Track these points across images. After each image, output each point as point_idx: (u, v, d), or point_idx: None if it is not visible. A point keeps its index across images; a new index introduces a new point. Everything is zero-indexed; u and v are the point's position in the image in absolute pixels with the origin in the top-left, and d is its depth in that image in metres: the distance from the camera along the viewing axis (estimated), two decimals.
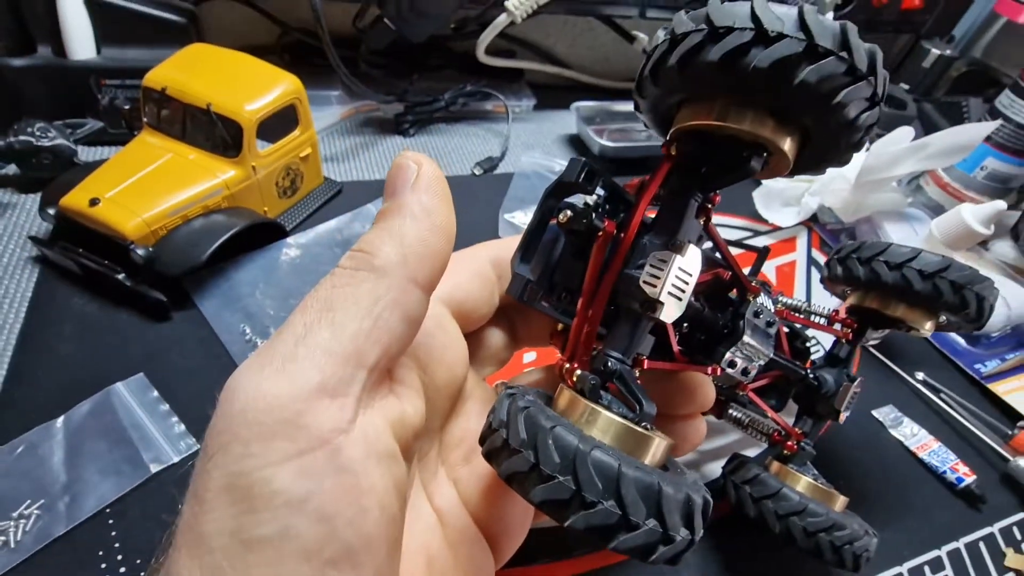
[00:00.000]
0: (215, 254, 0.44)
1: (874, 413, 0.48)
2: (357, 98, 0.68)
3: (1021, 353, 0.55)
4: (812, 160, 0.22)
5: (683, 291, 0.22)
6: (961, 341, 0.56)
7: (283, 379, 0.17)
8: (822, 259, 0.64)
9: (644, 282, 0.21)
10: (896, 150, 0.58)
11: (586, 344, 0.23)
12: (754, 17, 0.18)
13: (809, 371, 0.35)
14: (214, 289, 0.46)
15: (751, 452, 0.42)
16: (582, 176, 0.24)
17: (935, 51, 0.88)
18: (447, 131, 0.71)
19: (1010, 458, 0.45)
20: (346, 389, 0.17)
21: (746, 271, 0.30)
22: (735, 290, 0.28)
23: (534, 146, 0.72)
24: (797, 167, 0.23)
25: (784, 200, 0.66)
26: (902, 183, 0.73)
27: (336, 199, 0.57)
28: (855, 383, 0.35)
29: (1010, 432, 0.47)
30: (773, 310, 0.29)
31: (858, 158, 0.62)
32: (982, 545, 0.41)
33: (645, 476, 0.17)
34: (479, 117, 0.74)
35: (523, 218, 0.58)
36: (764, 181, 0.67)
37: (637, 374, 0.23)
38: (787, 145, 0.21)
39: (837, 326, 0.37)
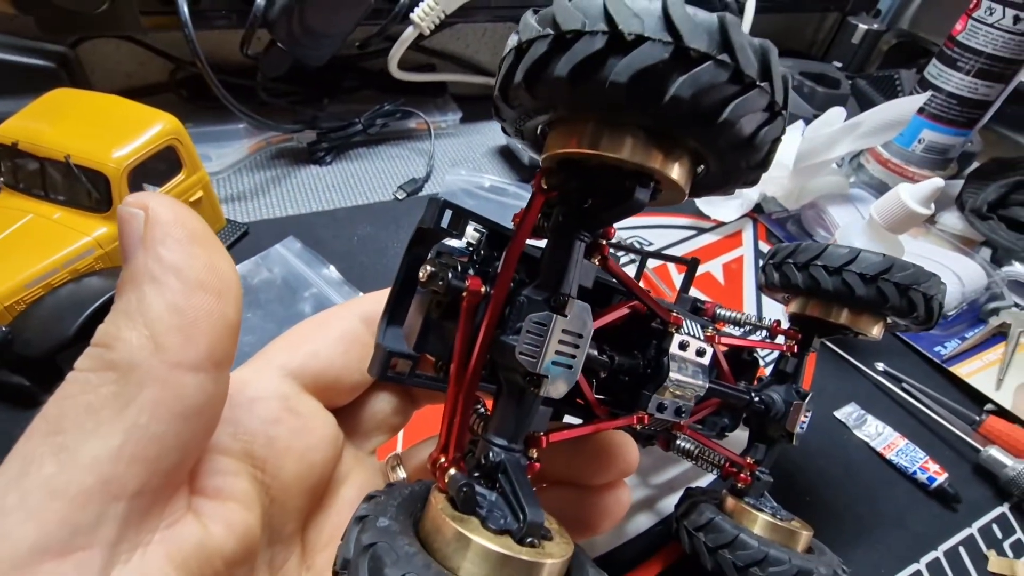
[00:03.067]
0: (88, 324, 0.38)
1: (836, 414, 0.45)
2: (266, 130, 0.63)
3: (979, 330, 0.53)
4: (713, 184, 0.19)
5: (573, 357, 0.18)
6: None
7: None
8: None
9: (521, 353, 0.17)
10: (830, 131, 0.56)
11: (460, 432, 0.18)
12: (607, 16, 0.14)
13: (754, 394, 0.31)
14: None
15: (708, 479, 0.39)
16: (441, 220, 0.19)
17: (863, 26, 0.88)
18: (367, 155, 0.66)
19: (980, 448, 0.43)
20: (87, 538, 0.13)
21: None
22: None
23: (461, 162, 0.68)
24: (696, 192, 0.19)
25: None
26: (843, 164, 0.71)
27: (241, 242, 0.52)
28: (806, 400, 0.31)
29: (977, 418, 0.45)
30: (703, 335, 0.26)
31: (793, 143, 0.59)
32: (962, 550, 0.38)
33: None
34: (402, 137, 0.70)
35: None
36: None
37: (535, 455, 0.19)
38: (675, 173, 0.17)
39: (780, 339, 0.33)
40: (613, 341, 0.24)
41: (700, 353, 0.25)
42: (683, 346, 0.24)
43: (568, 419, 0.25)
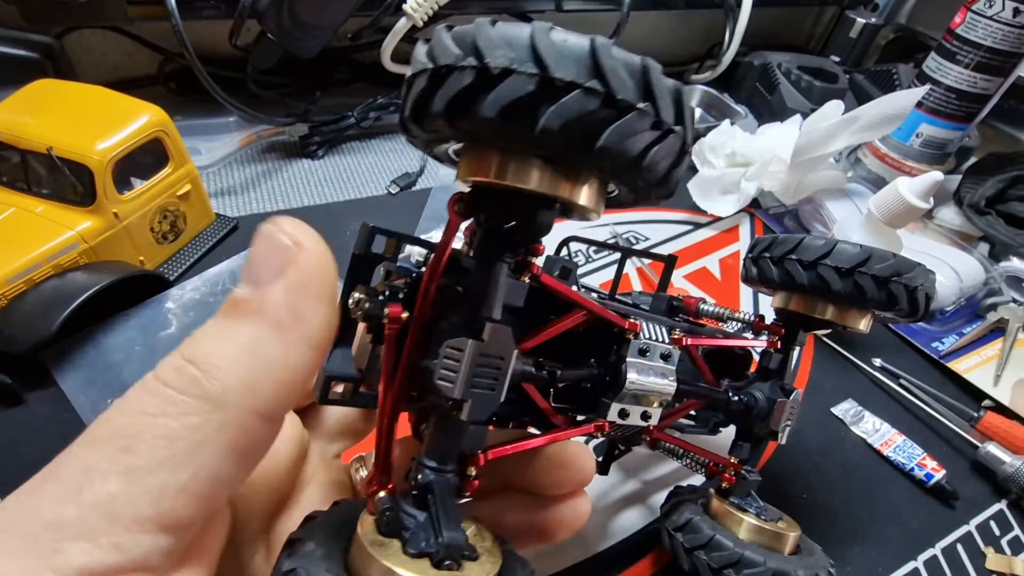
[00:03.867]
0: (72, 320, 0.37)
1: (833, 411, 0.45)
2: (257, 123, 0.62)
3: (977, 325, 0.53)
4: (628, 201, 0.19)
5: (495, 380, 0.18)
6: None
7: (28, 562, 0.12)
8: None
9: (439, 379, 0.17)
10: (827, 125, 0.55)
11: (385, 457, 0.18)
12: (475, 49, 0.14)
13: (734, 393, 0.31)
14: (79, 360, 0.39)
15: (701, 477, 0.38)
16: (371, 245, 0.19)
17: (861, 20, 0.87)
18: (360, 149, 0.66)
19: (979, 444, 0.42)
20: (133, 567, 0.13)
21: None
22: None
23: None
24: (613, 206, 0.20)
25: (722, 188, 0.63)
26: (840, 158, 0.71)
27: (231, 237, 0.51)
28: (791, 397, 0.30)
29: (975, 415, 0.44)
30: (668, 338, 0.26)
31: (790, 137, 0.59)
32: (960, 547, 0.38)
33: None
34: (395, 131, 0.69)
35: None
36: (700, 170, 0.64)
37: (473, 472, 0.19)
38: (584, 198, 0.17)
39: (764, 335, 0.32)
40: (573, 351, 0.24)
41: (665, 357, 0.25)
42: (643, 352, 0.24)
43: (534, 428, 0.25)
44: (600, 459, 0.32)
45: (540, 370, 0.22)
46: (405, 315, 0.18)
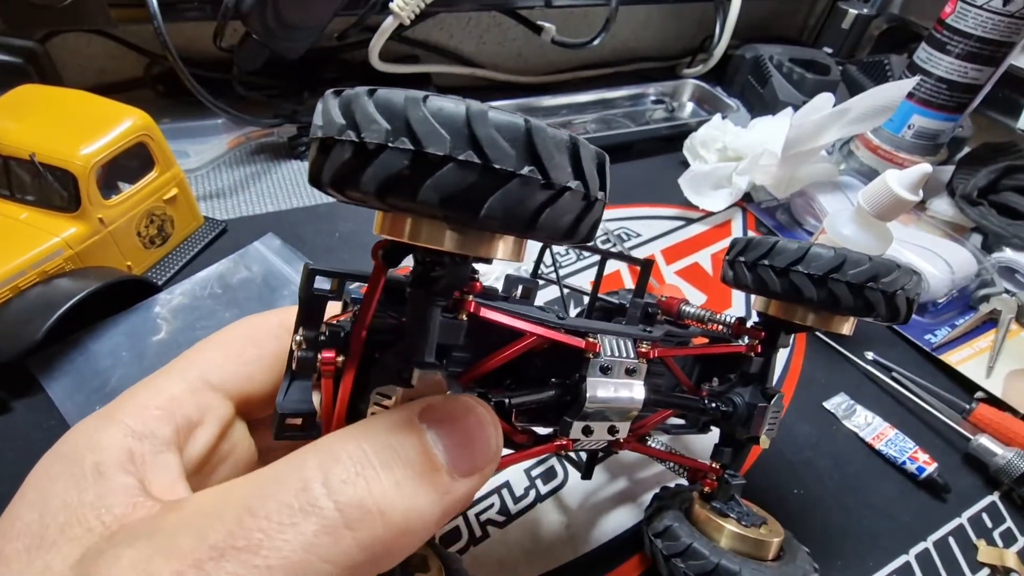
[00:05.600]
0: (58, 327, 0.37)
1: (825, 405, 0.45)
2: (245, 125, 0.62)
3: (970, 317, 0.53)
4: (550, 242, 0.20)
5: None
6: None
7: None
8: None
9: None
10: (818, 118, 0.55)
11: None
12: (352, 123, 0.14)
13: (710, 400, 0.30)
14: (66, 367, 0.39)
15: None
16: (311, 285, 0.19)
17: (853, 11, 0.86)
18: None
19: (971, 437, 0.42)
20: None
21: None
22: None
23: None
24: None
25: (713, 183, 0.62)
26: (833, 151, 0.71)
27: (220, 240, 0.51)
28: (772, 401, 0.30)
29: (967, 407, 0.44)
30: (633, 353, 0.26)
31: (781, 130, 0.59)
32: (951, 540, 0.38)
33: None
34: None
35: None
36: (691, 165, 0.64)
37: None
38: (501, 254, 0.17)
39: (744, 340, 0.31)
40: (538, 372, 0.25)
41: (630, 372, 0.25)
42: (606, 369, 0.25)
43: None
44: (583, 464, 0.32)
45: (488, 400, 0.22)
46: (341, 359, 0.18)
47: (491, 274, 0.50)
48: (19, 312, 0.37)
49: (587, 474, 0.32)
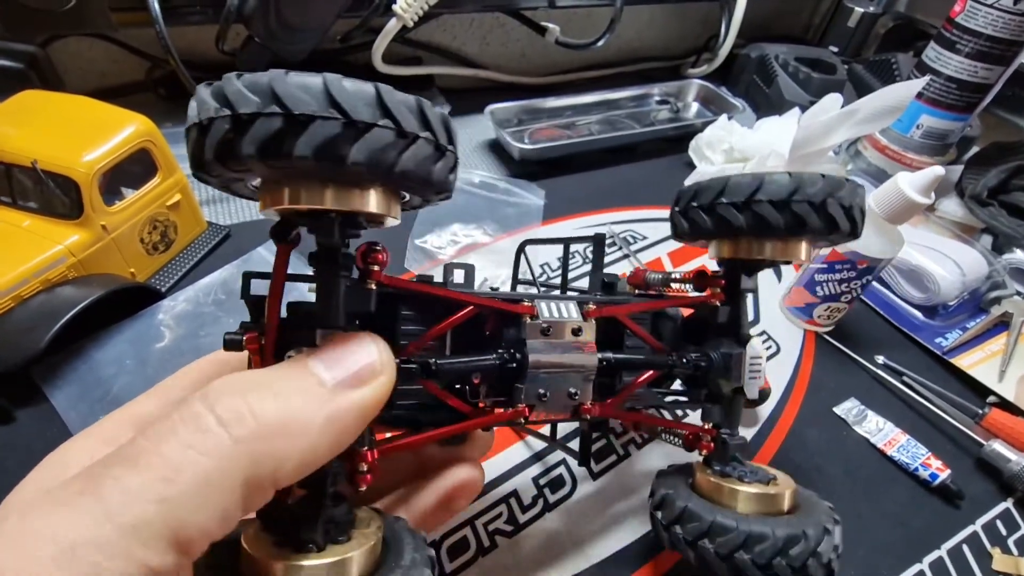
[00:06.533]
0: (61, 335, 0.37)
1: (835, 410, 0.44)
2: None
3: (981, 320, 0.52)
4: (414, 206, 0.23)
5: None
6: (919, 315, 0.52)
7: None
8: None
9: None
10: (826, 119, 0.54)
11: None
12: (276, 98, 0.16)
13: (678, 355, 0.30)
14: (70, 375, 0.39)
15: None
16: (249, 289, 0.22)
17: (859, 9, 0.86)
18: None
19: (984, 442, 0.42)
20: None
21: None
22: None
23: None
24: (408, 209, 0.23)
25: None
26: (840, 151, 0.70)
27: (223, 246, 0.51)
28: (748, 346, 0.29)
29: (980, 411, 0.43)
30: (579, 313, 0.26)
31: (789, 130, 0.58)
32: (966, 548, 0.37)
33: None
34: None
35: (436, 241, 0.53)
36: (697, 166, 0.63)
37: (364, 468, 0.21)
38: (374, 204, 0.19)
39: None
40: (488, 344, 0.26)
41: (576, 332, 0.26)
42: (546, 331, 0.25)
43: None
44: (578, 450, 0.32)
45: (428, 365, 0.23)
46: (261, 342, 0.20)
47: (498, 280, 0.50)
48: (22, 321, 0.37)
49: (584, 460, 0.32)
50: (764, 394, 0.43)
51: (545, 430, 0.38)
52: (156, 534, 0.14)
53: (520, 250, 0.41)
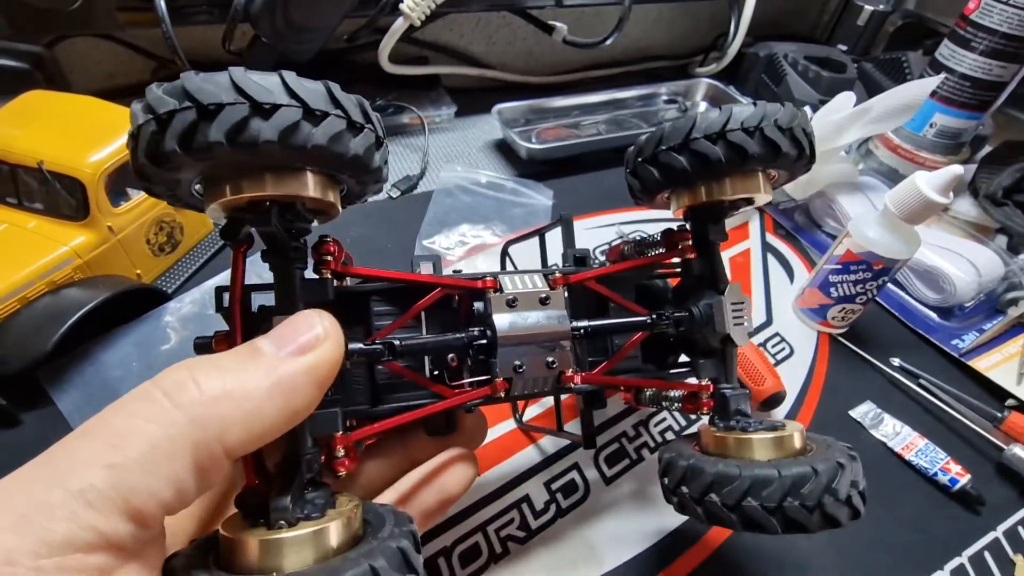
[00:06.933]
0: (67, 338, 0.37)
1: (851, 414, 0.43)
2: None
3: (997, 321, 0.51)
4: (353, 194, 0.23)
5: None
6: (934, 316, 0.52)
7: (17, 536, 0.14)
8: (778, 244, 0.60)
9: None
10: (839, 118, 0.53)
11: (255, 460, 0.21)
12: (240, 91, 0.17)
13: (657, 314, 0.29)
14: (76, 378, 0.39)
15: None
16: (223, 302, 0.23)
17: (868, 7, 0.85)
18: None
19: (1004, 447, 0.41)
20: None
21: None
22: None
23: (456, 158, 0.66)
24: (349, 202, 0.24)
25: None
26: (851, 150, 0.69)
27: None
28: (727, 293, 0.28)
29: (999, 415, 0.43)
30: (544, 283, 0.27)
31: None
32: (987, 555, 0.36)
33: None
34: (395, 133, 0.68)
35: (444, 242, 0.52)
36: None
37: (342, 453, 0.21)
38: (311, 189, 0.20)
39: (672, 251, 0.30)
40: (460, 328, 0.26)
41: (544, 301, 0.26)
42: (511, 303, 0.26)
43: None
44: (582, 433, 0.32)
45: (392, 345, 0.23)
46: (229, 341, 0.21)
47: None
48: (28, 323, 0.37)
49: (590, 443, 0.31)
50: (779, 397, 0.42)
51: (551, 433, 0.37)
52: (105, 499, 0.14)
53: (504, 252, 0.41)
